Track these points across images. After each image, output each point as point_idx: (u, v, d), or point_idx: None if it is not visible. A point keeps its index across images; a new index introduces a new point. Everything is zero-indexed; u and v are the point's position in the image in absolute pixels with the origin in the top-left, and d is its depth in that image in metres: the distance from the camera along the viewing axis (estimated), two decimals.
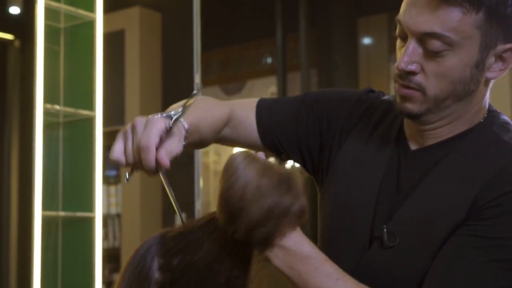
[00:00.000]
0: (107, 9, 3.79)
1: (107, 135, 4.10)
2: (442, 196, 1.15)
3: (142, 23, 5.86)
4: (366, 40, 5.76)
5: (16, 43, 6.37)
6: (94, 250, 3.55)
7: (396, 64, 1.16)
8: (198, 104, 1.21)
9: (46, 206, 3.47)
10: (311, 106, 1.35)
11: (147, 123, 1.05)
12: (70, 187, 3.64)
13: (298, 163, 1.38)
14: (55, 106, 3.57)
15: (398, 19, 1.17)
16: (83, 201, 3.60)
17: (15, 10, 6.16)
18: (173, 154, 1.07)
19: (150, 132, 1.04)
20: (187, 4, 3.85)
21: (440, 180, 1.17)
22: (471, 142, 1.19)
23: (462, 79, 1.14)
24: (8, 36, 6.35)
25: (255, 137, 1.36)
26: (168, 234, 1.06)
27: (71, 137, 3.68)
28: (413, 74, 1.15)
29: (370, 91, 1.37)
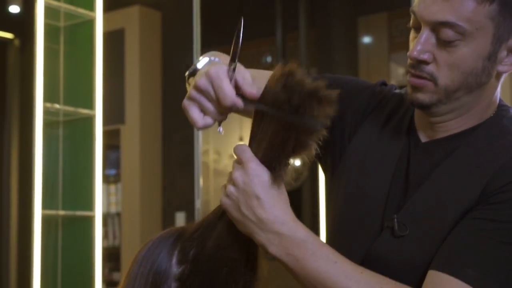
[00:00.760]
0: (107, 8, 3.79)
1: (107, 134, 4.10)
2: (452, 187, 1.16)
3: (142, 22, 5.86)
4: (366, 39, 5.75)
5: (16, 42, 6.37)
6: (94, 249, 3.55)
7: (408, 53, 1.17)
8: (222, 56, 1.24)
9: (46, 205, 3.47)
10: None
11: (211, 79, 1.06)
12: (70, 186, 3.64)
13: None
14: (55, 105, 3.57)
15: (412, 10, 1.18)
16: (83, 200, 3.60)
17: (15, 9, 6.15)
18: (251, 82, 1.08)
19: (222, 83, 1.05)
20: (187, 3, 3.85)
21: (449, 172, 1.18)
22: (481, 135, 1.20)
23: (473, 71, 1.15)
24: (8, 35, 6.34)
25: None
26: (185, 230, 1.06)
27: (71, 136, 3.68)
28: (425, 63, 1.16)
29: (383, 83, 1.38)
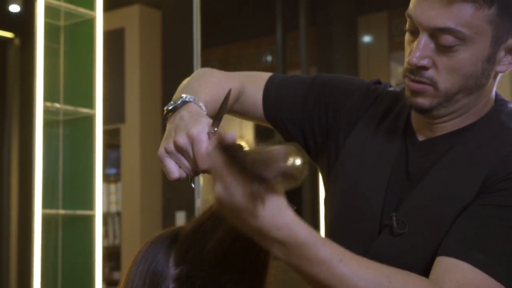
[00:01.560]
0: (107, 7, 3.79)
1: (107, 133, 4.10)
2: (451, 183, 1.16)
3: (142, 21, 5.86)
4: (366, 38, 5.75)
5: (16, 41, 6.37)
6: (94, 248, 3.55)
7: (407, 59, 1.18)
8: (208, 78, 1.23)
9: (46, 204, 3.47)
10: (319, 91, 1.35)
11: (192, 141, 1.06)
12: (70, 185, 3.64)
13: (299, 144, 1.39)
14: (55, 104, 3.57)
15: (408, 14, 1.18)
16: (83, 199, 3.60)
17: (15, 8, 6.15)
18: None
19: (201, 148, 1.05)
20: (187, 2, 3.85)
21: (448, 168, 1.18)
22: (480, 131, 1.20)
23: (473, 74, 1.15)
24: (8, 34, 6.34)
25: (260, 112, 1.37)
26: (182, 230, 1.06)
27: (71, 135, 3.68)
28: (424, 69, 1.16)
29: (378, 82, 1.38)
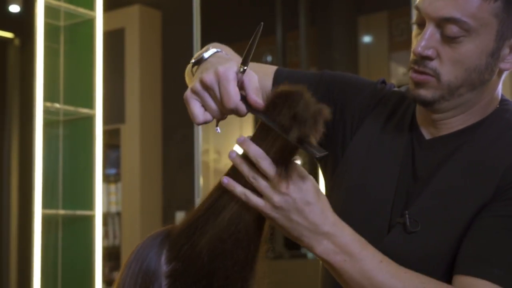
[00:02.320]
0: (107, 7, 3.79)
1: (107, 133, 4.10)
2: (462, 183, 1.17)
3: (142, 21, 5.85)
4: (366, 39, 5.75)
5: (16, 42, 6.36)
6: (94, 249, 3.55)
7: (412, 49, 1.18)
8: (224, 47, 1.24)
9: (46, 204, 3.48)
10: (327, 87, 1.36)
11: (219, 78, 1.03)
12: (70, 185, 3.64)
13: None
14: (55, 105, 3.57)
15: (416, 6, 1.18)
16: (83, 199, 3.60)
17: (15, 9, 6.15)
18: (258, 90, 1.05)
19: (228, 85, 1.02)
20: (187, 2, 3.85)
21: (458, 168, 1.19)
22: (486, 131, 1.21)
23: (477, 67, 1.16)
24: (8, 35, 6.34)
25: None
26: (174, 229, 1.06)
27: (71, 135, 3.68)
28: (429, 59, 1.17)
29: (384, 82, 1.38)
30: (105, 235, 5.68)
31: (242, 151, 1.05)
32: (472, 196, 1.15)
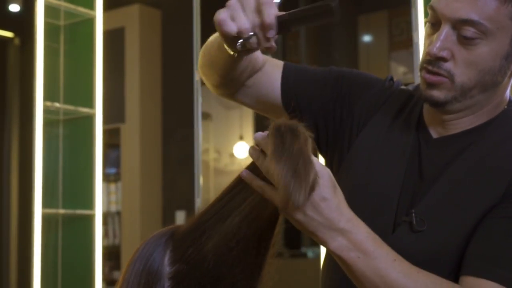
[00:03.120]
0: (107, 6, 3.79)
1: (107, 133, 4.10)
2: (470, 182, 1.17)
3: (142, 20, 5.85)
4: (366, 38, 5.75)
5: (16, 41, 6.36)
6: (94, 248, 3.55)
7: (427, 49, 1.17)
8: None
9: (46, 204, 3.48)
10: (336, 83, 1.35)
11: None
12: (70, 185, 3.64)
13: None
14: (55, 104, 3.57)
15: (431, 6, 1.18)
16: (83, 198, 3.60)
17: (15, 8, 6.15)
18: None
19: (270, 4, 1.07)
20: (187, 2, 3.85)
21: (466, 167, 1.18)
22: (495, 131, 1.21)
23: (491, 69, 1.16)
24: (8, 34, 6.34)
25: (275, 95, 1.36)
26: (179, 229, 1.05)
27: (71, 134, 3.68)
28: (443, 60, 1.16)
29: (392, 79, 1.38)
30: (105, 234, 5.69)
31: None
32: (480, 196, 1.15)
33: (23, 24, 5.97)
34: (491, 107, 1.22)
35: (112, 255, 5.71)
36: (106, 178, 5.84)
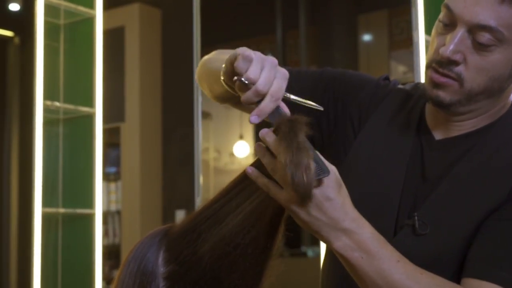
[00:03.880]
0: (107, 5, 3.79)
1: (107, 132, 4.10)
2: (474, 185, 1.16)
3: (142, 19, 5.85)
4: (366, 37, 5.75)
5: (16, 40, 6.36)
6: (94, 247, 3.55)
7: (440, 50, 1.15)
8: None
9: (46, 203, 3.47)
10: (327, 84, 1.34)
11: (276, 69, 1.04)
12: (70, 184, 3.64)
13: None
14: (55, 103, 3.57)
15: (447, 5, 1.15)
16: (83, 197, 3.60)
17: (15, 7, 6.15)
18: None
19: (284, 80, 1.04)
20: (187, 1, 3.85)
21: (469, 169, 1.17)
22: (498, 133, 1.20)
23: (500, 77, 1.15)
24: (8, 33, 6.34)
25: None
26: (172, 228, 1.05)
27: (71, 134, 3.68)
28: (455, 64, 1.14)
29: (387, 78, 1.36)
30: (105, 233, 5.69)
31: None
32: (483, 198, 1.14)
33: (23, 23, 5.97)
34: (495, 110, 1.21)
35: (112, 254, 5.72)
36: (106, 177, 5.85)
